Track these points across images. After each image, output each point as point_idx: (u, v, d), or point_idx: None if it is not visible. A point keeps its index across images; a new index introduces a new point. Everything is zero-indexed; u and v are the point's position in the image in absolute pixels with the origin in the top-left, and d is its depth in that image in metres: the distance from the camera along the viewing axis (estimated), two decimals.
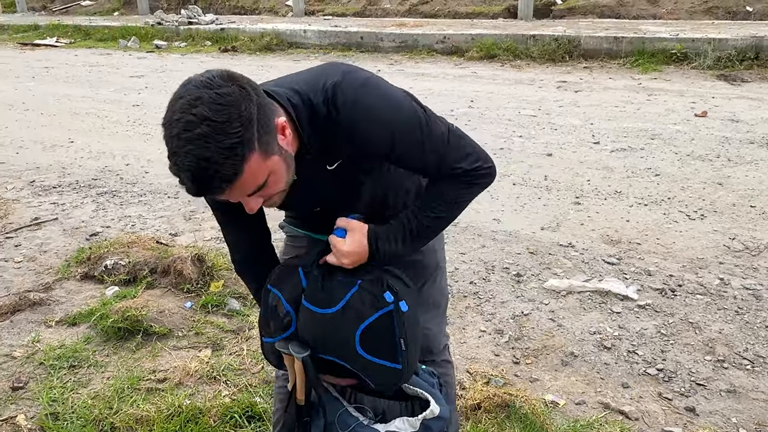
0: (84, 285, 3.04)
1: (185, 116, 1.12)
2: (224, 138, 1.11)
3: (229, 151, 1.12)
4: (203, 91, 1.13)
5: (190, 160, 1.12)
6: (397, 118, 1.32)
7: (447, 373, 1.84)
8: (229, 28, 10.35)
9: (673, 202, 3.78)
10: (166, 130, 1.15)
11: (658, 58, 7.36)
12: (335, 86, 1.28)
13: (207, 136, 1.11)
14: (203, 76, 1.17)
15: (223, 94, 1.13)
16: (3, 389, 2.31)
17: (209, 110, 1.12)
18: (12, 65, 9.18)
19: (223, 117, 1.12)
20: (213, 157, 1.12)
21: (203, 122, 1.11)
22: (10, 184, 4.44)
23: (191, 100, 1.13)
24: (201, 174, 1.13)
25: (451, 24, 9.53)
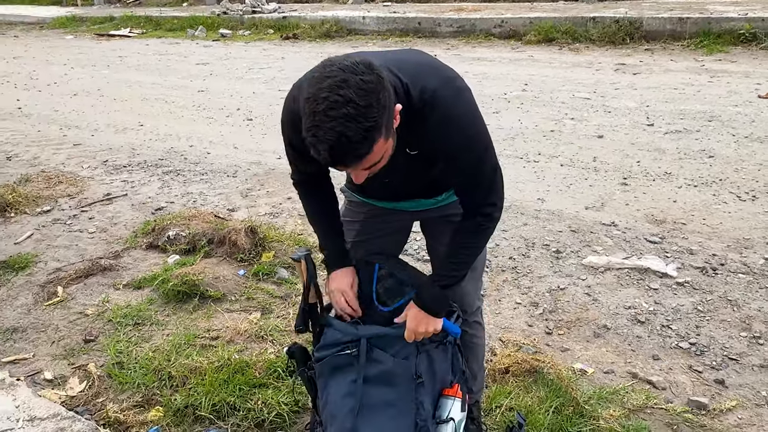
0: (149, 253, 3.30)
1: (332, 95, 1.24)
2: (364, 121, 1.25)
3: (366, 133, 1.26)
4: (349, 75, 1.26)
5: (331, 135, 1.25)
6: (475, 134, 1.50)
7: (477, 335, 1.96)
8: (291, 16, 10.61)
9: (724, 184, 3.72)
10: (310, 104, 1.27)
11: (725, 39, 7.12)
12: (435, 92, 1.43)
13: (350, 117, 1.24)
14: (346, 60, 1.30)
15: (366, 81, 1.26)
16: (77, 341, 2.58)
17: (355, 94, 1.24)
18: (89, 55, 9.73)
19: (366, 101, 1.25)
20: (353, 136, 1.25)
21: (348, 104, 1.24)
22: (85, 164, 4.79)
23: (339, 81, 1.25)
24: (339, 149, 1.26)
25: (510, 8, 9.46)
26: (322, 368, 1.70)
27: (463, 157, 1.51)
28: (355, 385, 1.63)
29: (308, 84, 1.30)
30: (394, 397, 1.62)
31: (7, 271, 3.15)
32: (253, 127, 5.45)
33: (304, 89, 1.32)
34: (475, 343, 1.96)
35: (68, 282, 3.03)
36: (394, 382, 1.62)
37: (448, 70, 1.51)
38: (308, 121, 1.27)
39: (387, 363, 1.62)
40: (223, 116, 5.84)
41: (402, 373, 1.62)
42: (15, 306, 2.86)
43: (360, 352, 1.63)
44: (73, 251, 3.37)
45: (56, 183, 4.35)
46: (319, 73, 1.29)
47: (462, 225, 1.65)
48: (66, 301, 2.89)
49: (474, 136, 1.51)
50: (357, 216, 1.85)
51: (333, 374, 1.67)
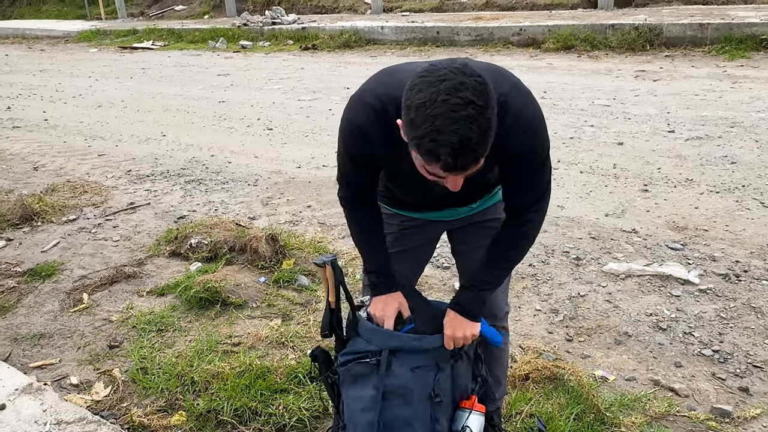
0: (171, 261, 3.35)
1: (452, 98, 1.21)
2: (483, 122, 1.24)
3: (485, 134, 1.24)
4: (463, 77, 1.24)
5: (454, 139, 1.22)
6: (542, 138, 1.51)
7: (504, 341, 1.96)
8: (310, 27, 10.73)
9: (747, 190, 3.68)
10: (427, 109, 1.23)
11: (747, 44, 7.06)
12: (506, 96, 1.42)
13: (471, 119, 1.22)
14: (453, 63, 1.27)
15: (480, 81, 1.25)
16: (102, 347, 2.63)
17: (473, 95, 1.22)
18: (113, 67, 9.92)
19: (483, 102, 1.24)
20: (474, 138, 1.23)
21: (469, 105, 1.22)
22: (110, 173, 4.88)
23: (456, 84, 1.23)
24: (461, 151, 1.23)
25: (528, 16, 9.46)
26: (344, 374, 1.71)
27: (528, 160, 1.51)
28: (374, 398, 1.64)
29: (417, 90, 1.27)
30: (410, 415, 1.62)
31: (35, 279, 3.22)
32: (273, 137, 5.51)
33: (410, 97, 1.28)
34: (501, 349, 1.96)
35: (93, 289, 3.09)
36: (410, 399, 1.62)
37: (511, 75, 1.52)
38: (426, 127, 1.24)
39: (404, 378, 1.62)
40: (244, 126, 5.91)
41: (419, 390, 1.62)
42: (42, 312, 2.92)
43: (381, 362, 1.63)
44: (98, 259, 3.43)
45: (81, 192, 4.43)
46: (428, 78, 1.26)
47: (505, 234, 1.65)
48: (91, 307, 2.94)
49: (541, 140, 1.51)
50: (389, 228, 1.84)
51: (353, 382, 1.69)
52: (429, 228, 1.83)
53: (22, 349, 2.65)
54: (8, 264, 3.38)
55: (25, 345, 2.68)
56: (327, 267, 1.70)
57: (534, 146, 1.50)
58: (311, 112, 6.17)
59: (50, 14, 17.76)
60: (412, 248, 1.85)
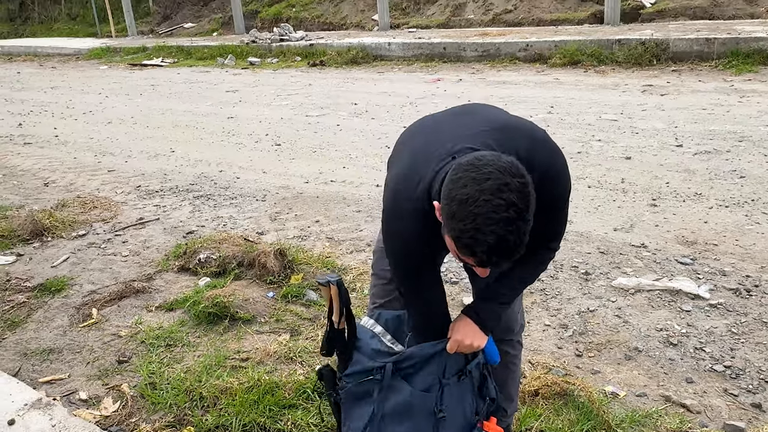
0: (180, 276, 3.36)
1: (495, 199, 1.25)
2: (523, 225, 1.28)
3: (523, 236, 1.29)
4: (509, 177, 1.27)
5: (492, 239, 1.26)
6: (566, 187, 1.58)
7: (518, 356, 1.96)
8: (318, 43, 10.81)
9: (757, 204, 3.67)
10: (470, 206, 1.26)
11: (754, 58, 7.05)
12: (528, 152, 1.47)
13: (511, 222, 1.26)
14: (500, 161, 1.30)
15: (525, 183, 1.29)
16: (111, 362, 2.63)
17: (516, 198, 1.26)
18: (123, 84, 10.03)
19: (524, 205, 1.28)
20: (512, 240, 1.27)
21: (510, 207, 1.25)
22: (119, 189, 4.92)
23: (501, 185, 1.26)
24: (497, 251, 1.28)
25: (534, 32, 9.50)
26: (345, 395, 1.72)
27: (553, 205, 1.56)
28: (375, 416, 1.64)
29: (462, 184, 1.29)
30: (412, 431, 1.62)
31: (44, 294, 3.24)
32: (281, 152, 5.54)
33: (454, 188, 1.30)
34: (515, 364, 1.96)
35: (102, 304, 3.10)
36: (413, 415, 1.62)
37: (525, 124, 1.57)
38: (466, 223, 1.26)
39: (406, 393, 1.62)
40: (252, 142, 5.95)
41: (422, 406, 1.62)
42: (51, 327, 2.93)
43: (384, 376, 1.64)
44: (108, 274, 3.44)
45: (91, 208, 4.47)
46: (474, 173, 1.29)
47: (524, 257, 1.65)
48: (100, 322, 2.95)
49: (566, 188, 1.57)
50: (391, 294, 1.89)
51: (355, 400, 1.69)
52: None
53: (31, 364, 2.65)
54: (18, 279, 3.40)
55: (35, 360, 2.68)
56: (332, 287, 1.70)
57: (559, 194, 1.56)
58: (319, 128, 6.21)
59: (62, 32, 17.99)
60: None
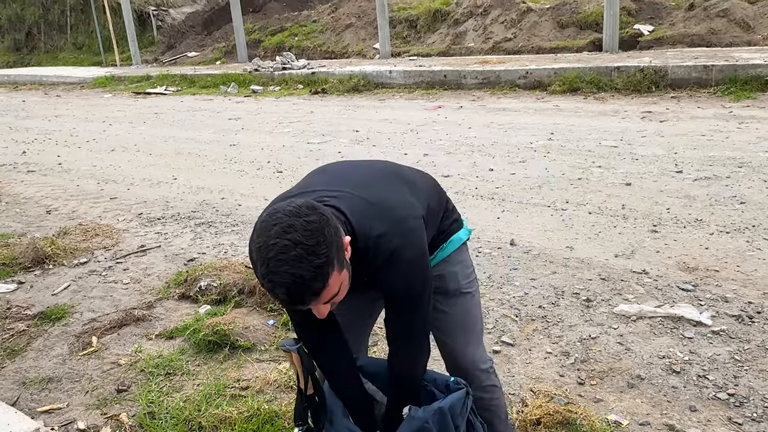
0: (180, 304, 3.36)
1: (281, 241, 1.31)
2: (315, 259, 1.32)
3: (318, 269, 1.32)
4: (293, 219, 1.33)
5: (286, 278, 1.31)
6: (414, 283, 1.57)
7: (494, 396, 1.92)
8: (320, 71, 10.94)
9: (757, 230, 3.67)
10: (262, 252, 1.33)
11: (752, 85, 7.11)
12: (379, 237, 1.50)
13: (301, 258, 1.30)
14: (290, 206, 1.37)
15: (310, 221, 1.34)
16: (110, 391, 2.62)
17: (301, 236, 1.32)
18: (126, 112, 10.12)
19: (313, 241, 1.32)
20: (306, 275, 1.31)
21: (297, 246, 1.31)
22: (121, 216, 4.93)
23: (285, 227, 1.32)
24: (295, 289, 1.32)
25: (534, 59, 9.61)
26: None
27: (401, 302, 1.59)
28: None
29: (257, 234, 1.37)
30: None
31: (45, 322, 3.23)
32: (282, 179, 5.56)
33: (253, 240, 1.39)
34: (495, 405, 1.93)
35: (102, 332, 3.10)
36: None
37: (399, 209, 1.56)
38: (263, 269, 1.33)
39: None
40: (254, 169, 5.98)
41: None
42: (51, 356, 2.92)
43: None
44: (108, 302, 3.44)
45: (93, 235, 4.48)
46: (265, 222, 1.36)
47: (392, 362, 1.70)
48: (100, 351, 2.94)
49: (413, 283, 1.56)
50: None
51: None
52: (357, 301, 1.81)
53: (30, 393, 2.64)
54: (19, 307, 3.40)
55: (34, 389, 2.67)
56: (293, 354, 1.61)
57: (406, 288, 1.56)
58: (321, 155, 6.24)
59: (67, 61, 18.23)
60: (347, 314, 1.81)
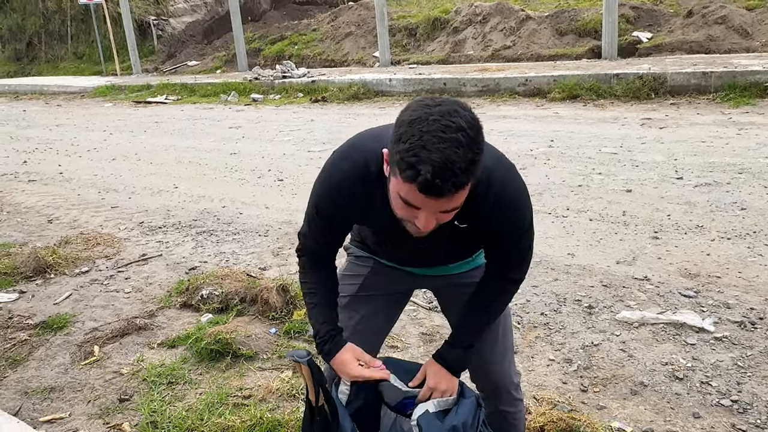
0: (182, 312, 3.35)
1: (444, 120, 1.24)
2: (470, 152, 1.25)
3: (470, 164, 1.25)
4: (458, 107, 1.27)
5: (438, 157, 1.22)
6: (525, 215, 1.54)
7: (519, 410, 1.93)
8: (320, 80, 10.97)
9: (758, 236, 3.67)
10: (417, 125, 1.24)
11: (751, 91, 7.13)
12: (491, 171, 1.44)
13: (460, 143, 1.23)
14: (447, 100, 1.31)
15: (474, 118, 1.29)
16: (112, 400, 2.61)
17: (466, 124, 1.25)
18: (127, 121, 10.14)
19: (474, 133, 1.26)
20: (458, 162, 1.23)
21: (460, 131, 1.24)
22: (122, 225, 4.94)
23: (450, 110, 1.26)
24: (442, 172, 1.23)
25: (533, 67, 9.64)
26: None
27: (510, 235, 1.55)
28: None
29: (412, 109, 1.29)
30: None
31: (46, 331, 3.23)
32: (283, 187, 5.57)
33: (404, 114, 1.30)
34: (518, 419, 1.93)
35: (104, 341, 3.09)
36: None
37: (494, 149, 1.53)
38: (412, 141, 1.24)
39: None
40: (255, 177, 5.99)
41: None
42: (53, 365, 2.92)
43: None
44: (110, 311, 3.44)
45: (94, 244, 4.48)
46: (426, 101, 1.29)
47: (484, 287, 1.66)
48: (102, 360, 2.94)
49: (524, 217, 1.54)
50: (361, 270, 1.84)
51: None
52: (401, 279, 1.81)
53: (32, 403, 2.63)
54: (20, 317, 3.40)
55: (36, 399, 2.66)
56: (303, 367, 1.59)
57: (516, 224, 1.53)
58: (321, 163, 6.20)
59: (68, 71, 18.28)
60: (383, 296, 1.83)
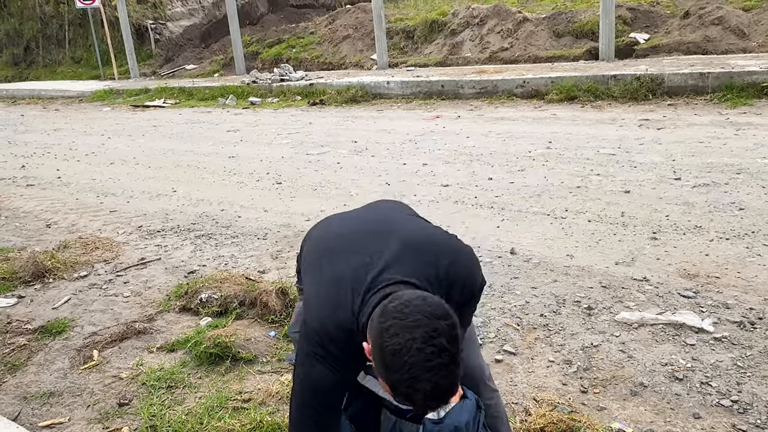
0: (181, 316, 3.35)
1: (426, 347, 1.28)
2: (455, 368, 1.32)
3: (456, 378, 1.33)
4: (436, 321, 1.32)
5: (429, 387, 1.29)
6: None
7: (499, 401, 1.96)
8: (318, 83, 10.97)
9: (757, 236, 3.67)
10: (403, 356, 1.29)
11: (749, 92, 7.14)
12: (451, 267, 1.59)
13: (446, 367, 1.30)
14: (428, 302, 1.35)
15: (452, 324, 1.33)
16: (111, 405, 2.60)
17: (446, 341, 1.30)
18: (125, 125, 10.14)
19: (455, 348, 1.32)
20: (446, 384, 1.31)
21: (443, 353, 1.30)
22: (121, 229, 4.93)
23: (430, 331, 1.30)
24: (433, 397, 1.31)
25: (531, 69, 9.65)
26: None
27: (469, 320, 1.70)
28: None
29: (391, 333, 1.31)
30: None
31: (45, 336, 3.22)
32: (282, 191, 5.57)
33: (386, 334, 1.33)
34: (500, 411, 1.95)
35: (103, 346, 3.09)
36: None
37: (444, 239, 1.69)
38: (402, 373, 1.29)
39: None
40: (253, 180, 5.99)
41: None
42: (52, 370, 2.91)
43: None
44: (109, 315, 3.43)
45: (93, 249, 4.47)
46: (403, 321, 1.31)
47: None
48: (101, 364, 2.93)
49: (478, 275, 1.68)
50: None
51: None
52: None
53: (31, 408, 2.63)
54: (19, 321, 3.39)
55: (35, 404, 2.66)
56: None
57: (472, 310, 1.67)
58: (319, 166, 6.26)
59: (65, 75, 18.29)
60: None
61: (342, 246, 1.69)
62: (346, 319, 1.50)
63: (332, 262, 1.64)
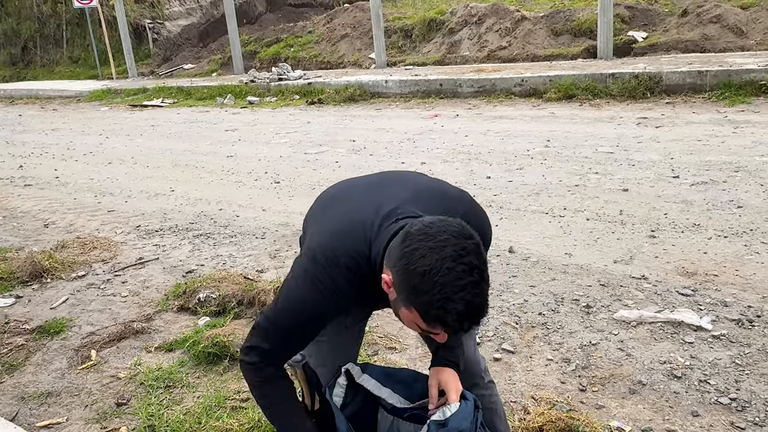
0: (180, 316, 3.34)
1: (457, 266, 1.26)
2: (485, 286, 1.30)
3: (487, 297, 1.31)
4: (463, 240, 1.29)
5: (462, 306, 1.26)
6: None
7: (494, 393, 1.95)
8: (316, 82, 10.96)
9: (755, 234, 3.67)
10: (433, 276, 1.26)
11: (747, 90, 7.14)
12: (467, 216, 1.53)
13: (476, 284, 1.27)
14: (452, 224, 1.32)
15: (477, 243, 1.31)
16: (109, 405, 2.60)
17: (475, 259, 1.29)
18: (123, 125, 10.13)
19: (483, 265, 1.30)
20: (479, 302, 1.29)
21: (474, 270, 1.27)
22: (119, 229, 4.93)
23: (459, 250, 1.27)
24: (468, 316, 1.28)
25: (529, 67, 9.65)
26: None
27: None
28: None
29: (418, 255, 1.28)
30: None
31: (43, 336, 3.22)
32: (280, 190, 5.57)
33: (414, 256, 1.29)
34: (495, 402, 1.95)
35: (101, 345, 3.08)
36: None
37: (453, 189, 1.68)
38: (433, 294, 1.26)
39: None
40: (252, 180, 5.99)
41: None
42: (50, 370, 2.90)
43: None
44: (107, 315, 3.43)
45: (91, 248, 4.47)
46: (430, 242, 1.28)
47: None
48: (99, 364, 2.93)
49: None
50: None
51: None
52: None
53: (29, 408, 2.62)
54: (17, 321, 3.39)
55: (32, 404, 2.65)
56: (299, 371, 1.57)
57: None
58: (318, 165, 6.25)
59: (63, 75, 18.27)
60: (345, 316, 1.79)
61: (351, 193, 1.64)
62: (360, 249, 1.44)
63: (342, 201, 1.60)
